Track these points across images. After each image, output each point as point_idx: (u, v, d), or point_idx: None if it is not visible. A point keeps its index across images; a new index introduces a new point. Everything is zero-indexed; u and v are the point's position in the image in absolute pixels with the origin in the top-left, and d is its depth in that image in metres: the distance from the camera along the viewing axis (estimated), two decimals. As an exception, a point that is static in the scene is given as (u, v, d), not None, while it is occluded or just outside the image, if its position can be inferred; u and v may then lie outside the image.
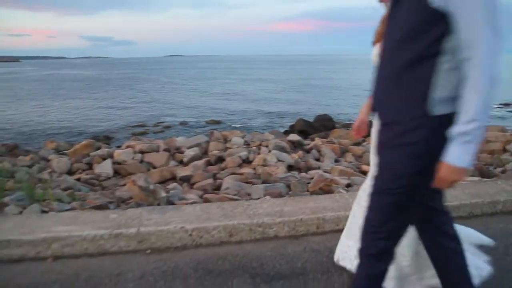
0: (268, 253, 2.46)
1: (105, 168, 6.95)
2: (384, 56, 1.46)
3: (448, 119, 1.34)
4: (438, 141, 1.36)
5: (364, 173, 6.06)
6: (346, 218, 2.55)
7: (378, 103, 1.53)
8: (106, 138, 12.15)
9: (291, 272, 2.27)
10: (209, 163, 6.95)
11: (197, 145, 7.86)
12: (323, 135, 10.40)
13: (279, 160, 6.45)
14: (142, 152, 7.69)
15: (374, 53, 1.81)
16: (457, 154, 1.30)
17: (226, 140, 8.42)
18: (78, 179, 6.33)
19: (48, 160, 8.05)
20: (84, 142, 8.85)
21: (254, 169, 6.16)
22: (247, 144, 8.17)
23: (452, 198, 2.96)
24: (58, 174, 6.95)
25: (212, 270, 2.27)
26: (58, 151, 9.13)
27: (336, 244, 2.33)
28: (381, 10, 1.79)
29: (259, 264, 2.33)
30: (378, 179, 1.53)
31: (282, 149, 7.24)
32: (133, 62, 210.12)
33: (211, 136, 8.86)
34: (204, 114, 19.46)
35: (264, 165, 6.23)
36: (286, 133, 11.10)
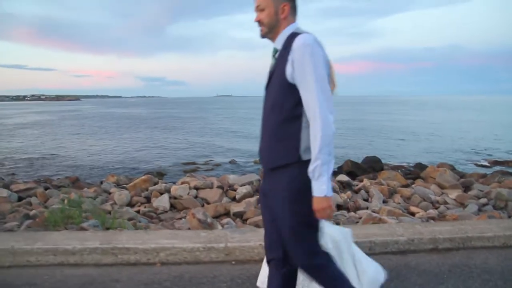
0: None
1: (162, 202, 7.74)
2: (263, 118, 1.97)
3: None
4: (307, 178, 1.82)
5: (413, 214, 6.55)
6: (393, 242, 3.27)
7: (262, 154, 2.03)
8: (159, 174, 13.10)
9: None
10: (261, 200, 7.63)
11: (249, 183, 8.60)
12: (371, 177, 10.83)
13: (329, 200, 7.03)
14: (196, 188, 8.51)
15: None
16: (316, 188, 1.77)
17: (276, 179, 9.09)
18: (138, 212, 7.14)
19: (109, 193, 9.07)
20: (143, 177, 9.86)
21: (304, 207, 6.74)
22: (297, 183, 8.81)
23: (487, 230, 3.63)
24: (119, 206, 7.86)
25: (285, 277, 3.04)
26: (118, 184, 10.21)
27: (384, 263, 3.02)
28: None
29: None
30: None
31: (331, 189, 7.83)
32: (184, 101, 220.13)
33: (263, 174, 9.56)
34: (251, 154, 20.29)
35: (314, 204, 6.82)
36: (335, 174, 11.64)
